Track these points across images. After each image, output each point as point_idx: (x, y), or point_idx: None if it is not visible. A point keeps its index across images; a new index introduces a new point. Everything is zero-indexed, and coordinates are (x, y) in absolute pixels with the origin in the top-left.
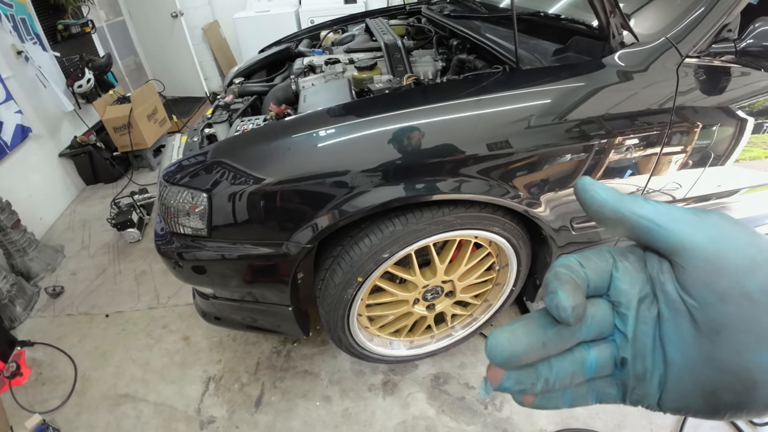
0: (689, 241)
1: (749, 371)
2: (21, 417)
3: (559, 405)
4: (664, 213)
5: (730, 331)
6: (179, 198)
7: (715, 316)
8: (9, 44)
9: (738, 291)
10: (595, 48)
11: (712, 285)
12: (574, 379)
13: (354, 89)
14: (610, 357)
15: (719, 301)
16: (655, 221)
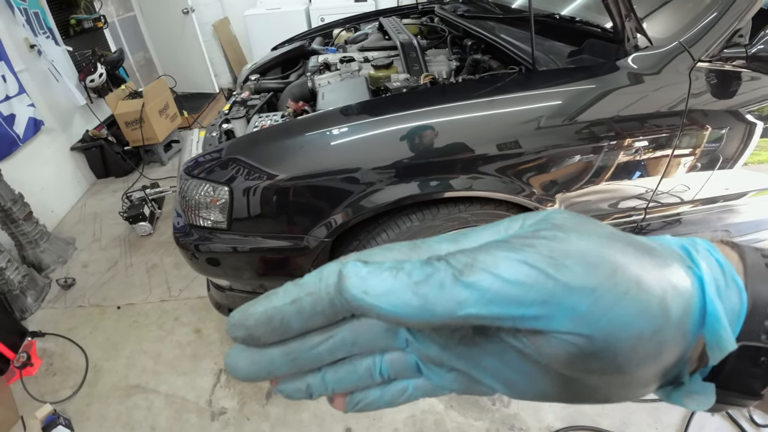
0: (549, 328)
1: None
2: (32, 407)
3: (372, 409)
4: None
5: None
6: (200, 191)
7: (572, 377)
8: (22, 38)
9: (612, 370)
10: (609, 50)
11: (578, 364)
12: (360, 386)
13: (370, 87)
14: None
15: (584, 373)
16: (491, 316)
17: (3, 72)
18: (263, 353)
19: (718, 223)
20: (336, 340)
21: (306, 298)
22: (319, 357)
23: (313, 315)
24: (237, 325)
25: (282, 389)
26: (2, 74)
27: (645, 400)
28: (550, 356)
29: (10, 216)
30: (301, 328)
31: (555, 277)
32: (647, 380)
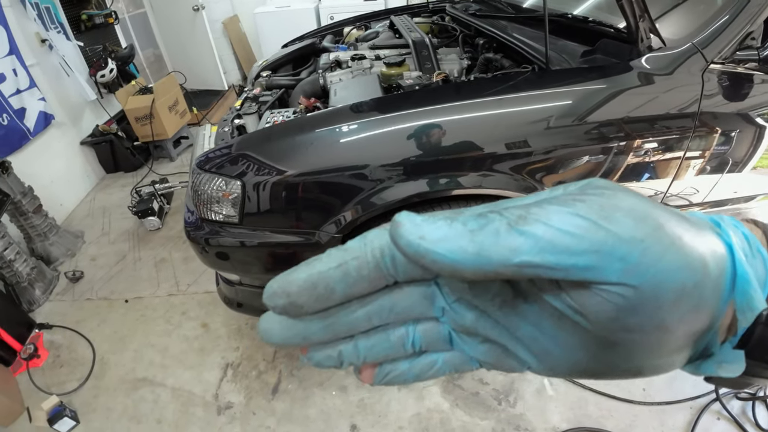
0: (606, 269)
1: (639, 370)
2: (38, 398)
3: (400, 382)
4: (551, 245)
5: (627, 349)
6: (213, 185)
7: (612, 337)
8: (33, 32)
9: (653, 324)
10: (623, 51)
11: (621, 320)
12: (391, 356)
13: (382, 85)
14: (440, 339)
15: (623, 331)
16: (545, 264)
17: (14, 66)
18: (299, 321)
19: None
20: (374, 305)
21: (352, 262)
22: (355, 322)
23: (358, 280)
24: (277, 293)
25: (312, 356)
26: (13, 68)
27: (651, 403)
28: (593, 312)
29: (19, 209)
30: (345, 294)
31: (606, 227)
32: (682, 343)
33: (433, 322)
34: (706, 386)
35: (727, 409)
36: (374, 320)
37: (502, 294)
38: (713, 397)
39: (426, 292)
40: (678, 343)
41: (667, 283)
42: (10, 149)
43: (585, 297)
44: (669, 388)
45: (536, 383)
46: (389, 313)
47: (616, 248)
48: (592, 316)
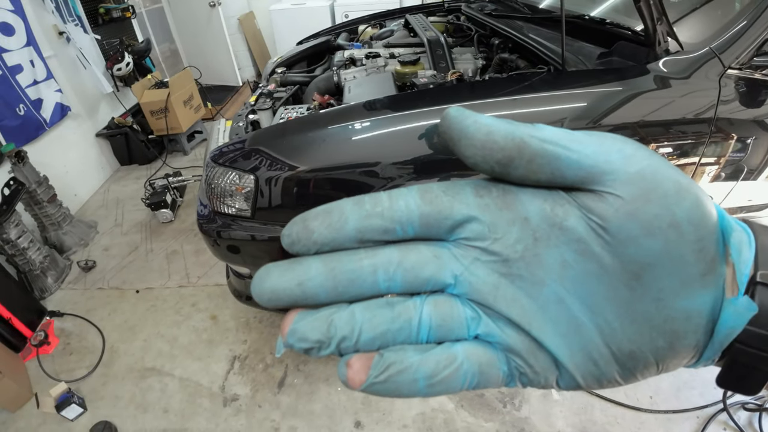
0: (606, 161)
1: (672, 321)
2: (47, 384)
3: (404, 389)
4: (567, 135)
5: (652, 273)
6: (227, 178)
7: (637, 253)
8: (51, 24)
9: (667, 220)
10: (640, 53)
11: (639, 213)
12: (392, 340)
13: (396, 83)
14: (454, 317)
15: (645, 234)
16: (561, 144)
17: (31, 57)
18: (301, 261)
19: None
20: (381, 256)
21: (367, 198)
22: (360, 272)
23: (371, 214)
24: (296, 220)
25: (295, 329)
26: (31, 59)
27: (658, 411)
28: (612, 218)
29: (34, 198)
30: (357, 228)
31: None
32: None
33: (446, 296)
34: (714, 396)
35: (733, 419)
36: (379, 275)
37: (523, 239)
38: (720, 407)
39: (437, 251)
40: (696, 264)
41: (665, 171)
42: (27, 139)
43: (601, 205)
44: (676, 397)
45: None
46: (397, 267)
47: (619, 146)
48: (612, 223)
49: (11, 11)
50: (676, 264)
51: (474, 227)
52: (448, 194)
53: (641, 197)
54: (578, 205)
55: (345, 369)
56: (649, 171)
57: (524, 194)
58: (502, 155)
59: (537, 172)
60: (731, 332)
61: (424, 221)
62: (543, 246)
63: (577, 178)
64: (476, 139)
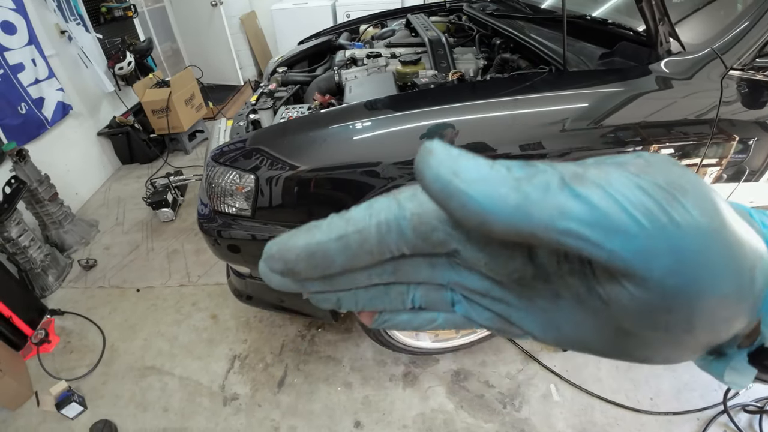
0: (644, 269)
1: (649, 358)
2: (47, 383)
3: (398, 329)
4: (606, 218)
5: (645, 340)
6: (227, 178)
7: (633, 328)
8: (53, 23)
9: (682, 328)
10: (641, 54)
11: (649, 318)
12: (389, 308)
13: (397, 83)
14: (441, 299)
15: (647, 327)
16: (593, 240)
17: (33, 56)
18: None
19: None
20: (376, 269)
21: (353, 235)
22: (355, 282)
23: (359, 254)
24: (275, 257)
25: (312, 296)
26: (32, 58)
27: (658, 413)
28: (622, 306)
29: (35, 196)
30: (344, 266)
31: (671, 214)
32: (702, 345)
33: (436, 287)
34: (714, 398)
35: (734, 421)
36: (374, 279)
37: (522, 272)
38: (721, 409)
39: (433, 260)
40: (700, 346)
41: (713, 289)
42: (28, 138)
43: (618, 289)
44: (676, 398)
45: (543, 388)
46: (391, 275)
47: (673, 240)
48: (619, 309)
49: (13, 10)
50: (673, 346)
51: (471, 255)
52: (445, 224)
53: (662, 309)
54: (589, 272)
55: (357, 315)
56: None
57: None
58: (508, 241)
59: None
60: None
61: (417, 250)
62: (540, 281)
63: (604, 270)
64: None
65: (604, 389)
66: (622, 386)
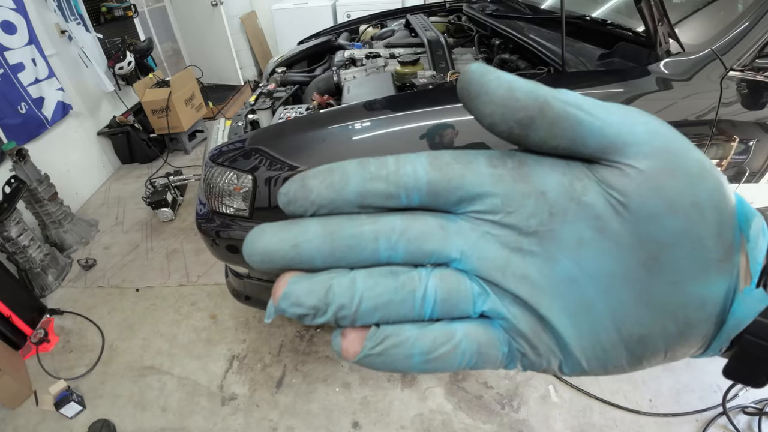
0: (630, 133)
1: (684, 307)
2: (46, 382)
3: (398, 364)
4: (591, 102)
5: (671, 254)
6: (225, 178)
7: (657, 231)
8: (53, 23)
9: (690, 198)
10: (640, 55)
11: (663, 189)
12: (393, 313)
13: (396, 83)
14: (461, 292)
15: (667, 212)
16: (584, 108)
17: (33, 55)
18: (297, 222)
19: None
20: (383, 223)
21: (373, 160)
22: (360, 238)
23: (375, 177)
24: (295, 177)
25: (290, 291)
26: (32, 57)
27: (657, 414)
28: (634, 193)
29: (35, 196)
30: (359, 191)
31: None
32: (720, 251)
33: (452, 270)
34: (714, 399)
35: (733, 423)
36: (381, 243)
37: (537, 214)
38: (720, 410)
39: (444, 222)
40: (715, 249)
41: (690, 150)
42: (28, 137)
43: (622, 180)
44: (676, 400)
45: (541, 389)
46: (400, 236)
47: (642, 118)
48: (633, 199)
49: (13, 9)
50: (696, 246)
51: (486, 200)
52: (460, 162)
53: (666, 172)
54: (598, 180)
55: (339, 338)
56: (675, 146)
57: (542, 166)
58: (523, 114)
59: (558, 137)
60: (740, 323)
61: (431, 189)
62: (559, 221)
63: (599, 147)
64: (497, 95)
65: (602, 390)
66: (620, 387)
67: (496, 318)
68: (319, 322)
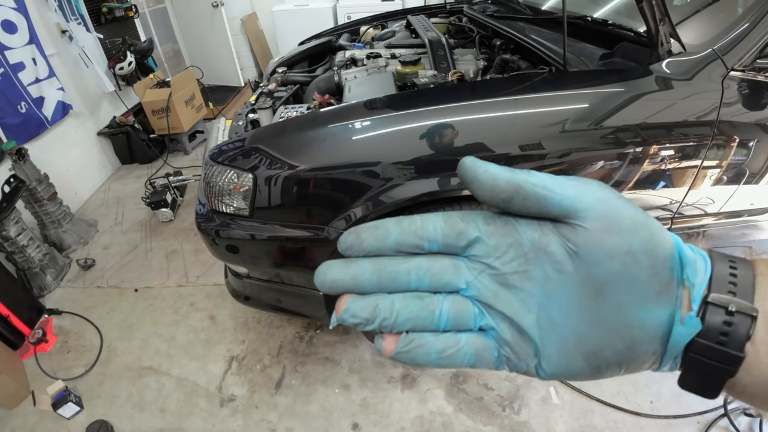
0: (580, 202)
1: (629, 328)
2: (43, 382)
3: (420, 359)
4: (552, 180)
5: (612, 289)
6: (225, 177)
7: (600, 273)
8: (54, 23)
9: (624, 248)
10: (642, 55)
11: (602, 243)
12: (419, 324)
13: (397, 83)
14: (465, 312)
15: (605, 258)
16: (548, 188)
17: (34, 55)
18: (354, 261)
19: (741, 239)
20: (414, 263)
21: (405, 219)
22: (398, 273)
23: (408, 232)
24: (350, 231)
25: (348, 308)
26: (33, 57)
27: (658, 416)
28: (582, 244)
29: (34, 195)
30: (397, 241)
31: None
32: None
33: (460, 297)
34: (715, 401)
35: (734, 425)
36: (412, 275)
37: (517, 258)
38: (721, 412)
39: (455, 262)
40: (650, 285)
41: (625, 211)
42: (28, 137)
43: (575, 235)
44: (677, 402)
45: (542, 391)
46: (425, 272)
47: (592, 190)
48: (582, 249)
49: (14, 9)
50: (632, 283)
51: (482, 247)
52: (465, 221)
53: (605, 230)
54: (559, 234)
55: (380, 340)
56: (612, 210)
57: (520, 225)
58: (505, 196)
59: (530, 208)
60: (678, 344)
61: (445, 241)
62: (532, 264)
63: (559, 212)
64: (485, 184)
65: (603, 392)
66: (621, 389)
67: (489, 330)
68: (369, 329)
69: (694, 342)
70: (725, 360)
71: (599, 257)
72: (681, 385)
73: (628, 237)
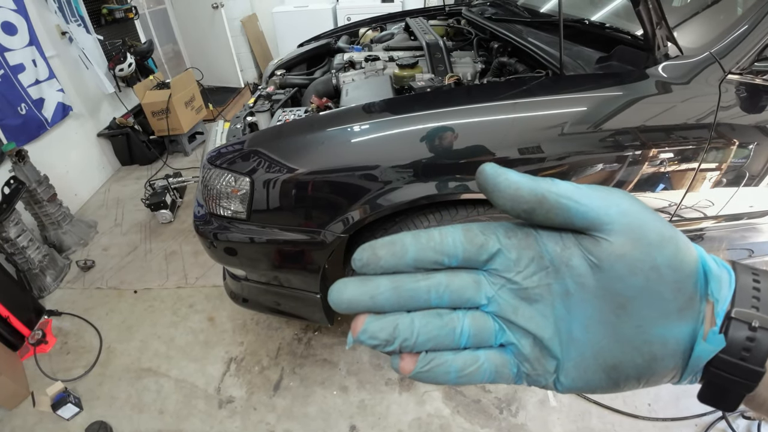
0: (606, 214)
1: (650, 344)
2: (43, 383)
3: (440, 379)
4: (577, 190)
5: (634, 305)
6: (222, 180)
7: (622, 288)
8: (54, 24)
9: (648, 264)
10: (639, 58)
11: (626, 257)
12: (440, 344)
13: (394, 86)
14: (486, 328)
15: (629, 273)
16: (573, 198)
17: (34, 56)
18: (371, 279)
19: (740, 242)
20: (434, 280)
21: (423, 233)
22: (417, 291)
23: (426, 248)
24: (365, 247)
25: (367, 328)
26: (33, 58)
27: (656, 419)
28: (605, 257)
29: (34, 197)
30: (415, 257)
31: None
32: (678, 303)
33: (481, 313)
34: None
35: (732, 428)
36: (432, 292)
37: (538, 272)
38: (719, 415)
39: (475, 278)
40: (674, 301)
41: (651, 224)
42: (28, 138)
43: (598, 248)
44: (675, 405)
45: (540, 394)
46: (445, 288)
47: (618, 201)
48: (605, 263)
49: (14, 11)
50: (655, 299)
51: (503, 261)
52: (485, 234)
53: (629, 243)
54: (582, 247)
55: (398, 360)
56: (638, 223)
57: (542, 237)
58: (527, 206)
59: (553, 219)
60: (700, 359)
61: (466, 255)
62: (553, 278)
63: (583, 225)
64: (507, 193)
65: (601, 395)
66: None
67: (509, 346)
68: (388, 350)
69: (717, 357)
70: (746, 375)
71: (622, 272)
72: (700, 398)
73: (654, 251)
